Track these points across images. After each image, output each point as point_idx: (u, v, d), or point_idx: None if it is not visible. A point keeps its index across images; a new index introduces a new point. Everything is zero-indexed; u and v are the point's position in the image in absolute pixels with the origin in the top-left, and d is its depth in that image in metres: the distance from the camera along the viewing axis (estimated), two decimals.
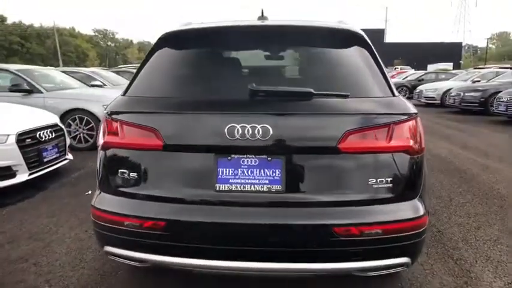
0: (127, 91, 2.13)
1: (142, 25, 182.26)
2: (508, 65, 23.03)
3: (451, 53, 56.02)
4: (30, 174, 4.27)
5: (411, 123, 1.92)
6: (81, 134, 6.72)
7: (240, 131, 1.79)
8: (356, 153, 1.84)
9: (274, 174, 1.83)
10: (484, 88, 12.28)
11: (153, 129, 1.88)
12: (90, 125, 6.68)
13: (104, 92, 7.95)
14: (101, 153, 2.06)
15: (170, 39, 2.26)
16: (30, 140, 4.29)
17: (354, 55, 2.13)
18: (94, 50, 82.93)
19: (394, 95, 2.00)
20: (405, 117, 1.90)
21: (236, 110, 1.85)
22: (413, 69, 31.27)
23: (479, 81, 13.99)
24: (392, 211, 1.84)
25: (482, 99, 11.92)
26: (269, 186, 1.83)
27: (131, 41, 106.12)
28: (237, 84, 2.12)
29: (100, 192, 2.06)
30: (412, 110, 1.96)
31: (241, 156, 1.85)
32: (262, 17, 2.52)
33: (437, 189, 4.57)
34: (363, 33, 2.22)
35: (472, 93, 12.20)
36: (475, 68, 22.28)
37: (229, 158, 1.86)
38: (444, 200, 4.20)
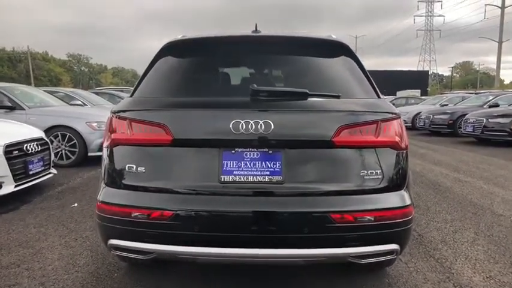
0: (133, 94, 2.26)
1: (116, 51, 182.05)
2: (472, 91, 24.45)
3: (418, 80, 58.69)
4: (16, 186, 4.23)
5: (396, 122, 2.13)
6: (63, 151, 6.65)
7: (244, 126, 1.94)
8: (348, 147, 2.02)
9: (274, 166, 1.98)
10: (452, 111, 13.03)
11: (162, 125, 2.01)
12: (72, 142, 6.63)
13: (86, 110, 7.95)
14: (107, 150, 2.15)
15: (174, 47, 2.43)
16: (17, 152, 4.27)
17: (343, 63, 2.37)
18: (67, 75, 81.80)
19: (379, 97, 2.23)
20: (391, 115, 2.12)
21: (240, 107, 2.01)
22: (383, 95, 32.48)
23: (447, 105, 14.79)
24: (382, 200, 2.02)
25: (450, 121, 12.62)
26: (270, 177, 1.97)
27: (105, 66, 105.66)
28: (237, 86, 2.29)
29: (105, 187, 2.14)
30: (396, 110, 2.19)
31: (244, 149, 2.00)
32: (256, 31, 2.73)
33: (415, 199, 4.81)
34: (349, 45, 2.46)
35: (441, 116, 12.90)
36: (441, 93, 23.47)
37: (233, 151, 2.00)
38: (422, 208, 4.44)
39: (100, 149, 6.70)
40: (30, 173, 4.49)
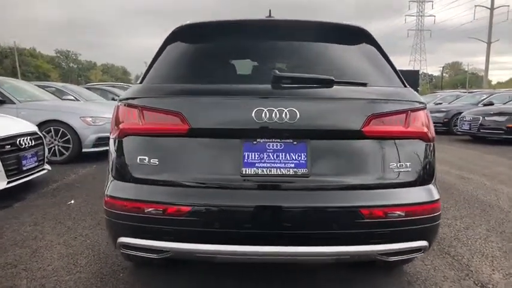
0: (143, 80, 2.11)
1: (106, 48, 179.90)
2: (465, 90, 24.66)
3: (409, 79, 59.01)
4: (9, 182, 4.02)
5: (424, 112, 2.02)
6: (56, 147, 6.42)
7: (268, 115, 1.81)
8: (377, 138, 1.90)
9: (299, 158, 1.84)
10: (447, 109, 13.05)
11: (178, 113, 1.85)
12: (66, 138, 6.40)
13: (80, 104, 7.72)
14: (115, 142, 1.99)
15: (186, 32, 2.27)
16: (9, 146, 4.06)
17: (365, 50, 2.24)
18: (56, 71, 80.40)
19: (405, 86, 2.11)
20: (419, 105, 2.00)
21: (262, 95, 1.87)
22: None
23: (441, 103, 14.84)
24: (412, 194, 1.90)
25: (445, 120, 12.63)
26: (295, 170, 1.83)
27: (95, 63, 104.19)
28: (255, 72, 2.15)
29: (113, 180, 1.97)
30: (423, 100, 2.07)
31: (267, 140, 1.86)
32: (269, 17, 2.60)
33: None
34: (370, 32, 2.34)
35: (436, 114, 12.89)
36: (433, 93, 23.59)
37: (254, 142, 1.85)
38: None
39: (95, 145, 6.50)
40: (24, 168, 4.28)
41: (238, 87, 1.95)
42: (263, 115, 1.81)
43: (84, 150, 6.46)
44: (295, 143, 1.86)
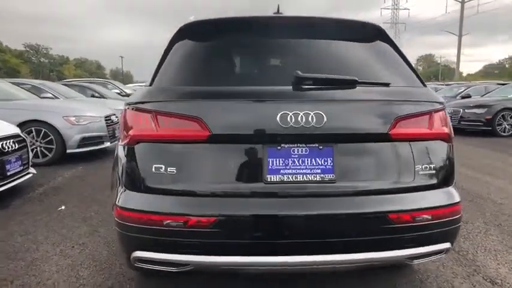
0: (152, 83, 1.98)
1: (79, 42, 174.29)
2: (440, 83, 25.29)
3: None
4: None
5: (444, 112, 2.00)
6: (38, 148, 6.12)
7: (294, 119, 1.73)
8: (403, 140, 1.86)
9: (325, 163, 1.78)
10: None
11: (197, 118, 1.75)
12: (49, 138, 6.12)
13: (62, 103, 7.40)
14: (125, 149, 1.87)
15: (194, 30, 2.15)
16: None
17: (380, 48, 2.18)
18: (26, 66, 77.19)
19: (425, 86, 2.07)
20: (440, 106, 1.98)
21: (287, 97, 1.79)
22: None
23: None
24: (437, 196, 1.89)
25: None
26: (322, 175, 1.77)
27: (67, 57, 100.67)
28: (272, 72, 2.06)
29: (125, 190, 1.85)
30: (443, 100, 2.05)
31: (291, 145, 1.78)
32: (278, 13, 2.50)
33: None
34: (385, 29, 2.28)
35: None
36: None
37: (279, 147, 1.78)
38: None
39: (80, 145, 6.24)
40: (8, 174, 4.05)
41: (260, 90, 1.85)
42: (288, 119, 1.73)
43: (68, 151, 6.19)
44: (321, 147, 1.79)
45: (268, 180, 1.75)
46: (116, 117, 7.22)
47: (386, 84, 1.93)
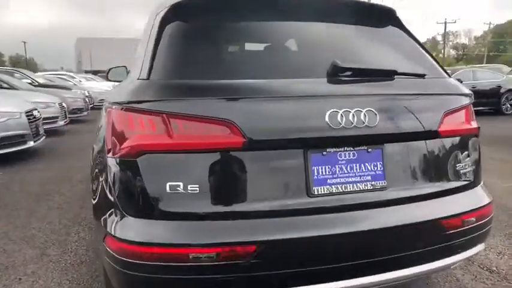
0: (149, 75, 1.48)
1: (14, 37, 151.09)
2: None
3: None
4: None
5: (471, 105, 1.88)
6: None
7: (345, 118, 1.44)
8: (449, 137, 1.70)
9: (375, 168, 1.53)
10: None
11: (228, 121, 1.36)
12: None
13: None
14: (119, 163, 1.42)
15: (190, 7, 1.70)
16: None
17: (394, 34, 1.96)
18: None
19: (449, 76, 1.93)
20: (470, 99, 1.85)
21: (335, 92, 1.48)
22: None
23: None
24: (477, 196, 1.78)
25: None
26: (373, 183, 1.51)
27: (1, 54, 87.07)
28: (302, 60, 1.73)
29: (126, 217, 1.40)
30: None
31: (338, 149, 1.49)
32: None
33: None
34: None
35: None
36: None
37: (324, 152, 1.47)
38: None
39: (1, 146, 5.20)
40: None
41: (302, 84, 1.51)
42: (339, 118, 1.43)
43: None
44: (369, 150, 1.53)
45: (315, 193, 1.44)
46: (38, 111, 6.21)
47: (422, 76, 1.73)
